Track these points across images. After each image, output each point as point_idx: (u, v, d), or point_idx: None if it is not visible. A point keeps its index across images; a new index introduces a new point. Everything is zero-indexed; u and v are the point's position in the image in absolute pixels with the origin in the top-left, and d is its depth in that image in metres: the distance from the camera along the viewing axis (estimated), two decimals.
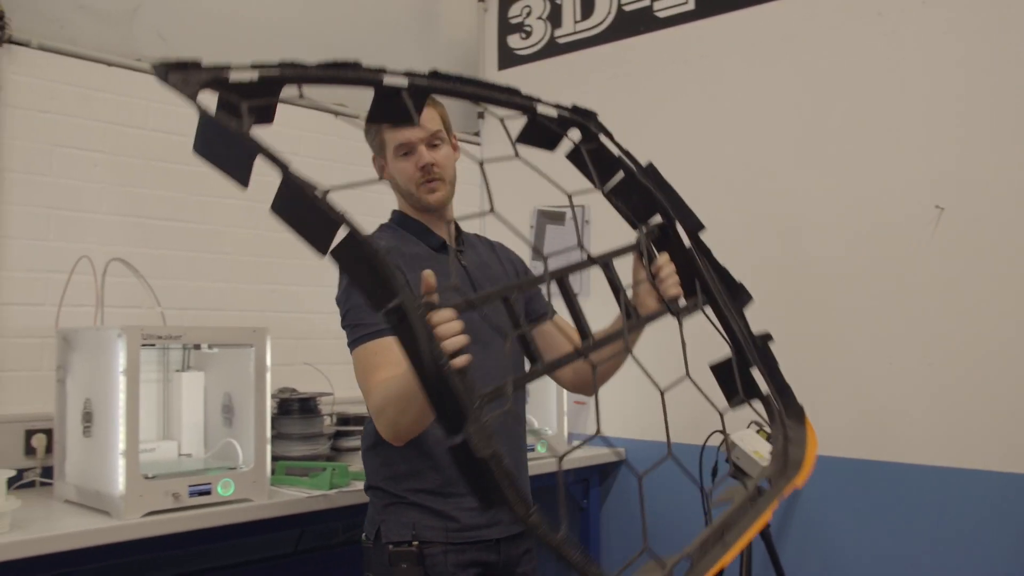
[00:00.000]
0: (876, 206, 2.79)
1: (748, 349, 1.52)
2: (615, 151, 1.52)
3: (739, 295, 1.54)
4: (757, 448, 2.50)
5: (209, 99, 1.01)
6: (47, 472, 2.46)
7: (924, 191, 2.69)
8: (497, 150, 3.86)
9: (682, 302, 1.64)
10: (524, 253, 2.31)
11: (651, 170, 1.51)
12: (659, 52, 3.33)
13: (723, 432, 1.48)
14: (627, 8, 3.42)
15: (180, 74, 1.01)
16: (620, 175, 1.50)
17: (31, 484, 2.45)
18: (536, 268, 3.46)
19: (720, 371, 1.53)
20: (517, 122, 1.41)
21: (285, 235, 2.01)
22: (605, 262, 1.44)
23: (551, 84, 3.65)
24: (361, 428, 2.09)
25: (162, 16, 3.00)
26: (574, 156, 1.51)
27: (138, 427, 2.08)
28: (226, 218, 3.03)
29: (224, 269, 3.02)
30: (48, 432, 2.51)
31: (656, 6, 3.33)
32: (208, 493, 2.17)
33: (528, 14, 3.74)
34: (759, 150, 3.05)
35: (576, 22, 3.57)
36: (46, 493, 2.37)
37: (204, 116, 0.97)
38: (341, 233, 0.95)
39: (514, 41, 3.79)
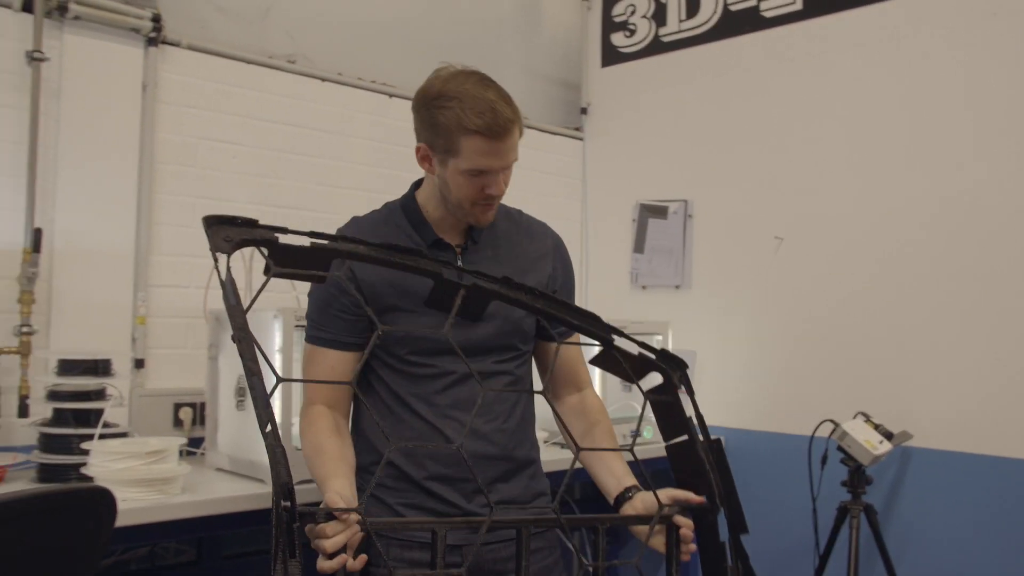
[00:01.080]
0: (981, 201, 2.84)
1: None
2: (689, 410, 1.39)
3: None
4: (868, 437, 2.58)
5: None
6: (193, 443, 2.65)
7: None
8: (600, 145, 3.97)
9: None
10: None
11: (716, 447, 1.38)
12: (765, 51, 3.40)
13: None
14: (733, 8, 3.49)
15: (224, 229, 1.09)
16: (683, 438, 1.38)
17: (179, 454, 2.64)
18: (637, 261, 3.57)
19: None
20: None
21: None
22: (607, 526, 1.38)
23: (655, 82, 3.75)
24: None
25: (291, 17, 3.17)
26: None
27: (292, 401, 2.24)
28: (350, 207, 3.13)
29: None
30: (194, 405, 2.71)
31: (763, 6, 3.40)
32: None
33: (632, 12, 3.84)
34: (866, 147, 3.12)
35: (681, 21, 3.66)
36: (196, 462, 2.54)
37: (223, 277, 1.08)
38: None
39: (618, 39, 3.90)
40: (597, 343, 1.30)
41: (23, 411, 2.44)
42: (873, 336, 3.06)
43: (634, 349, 1.34)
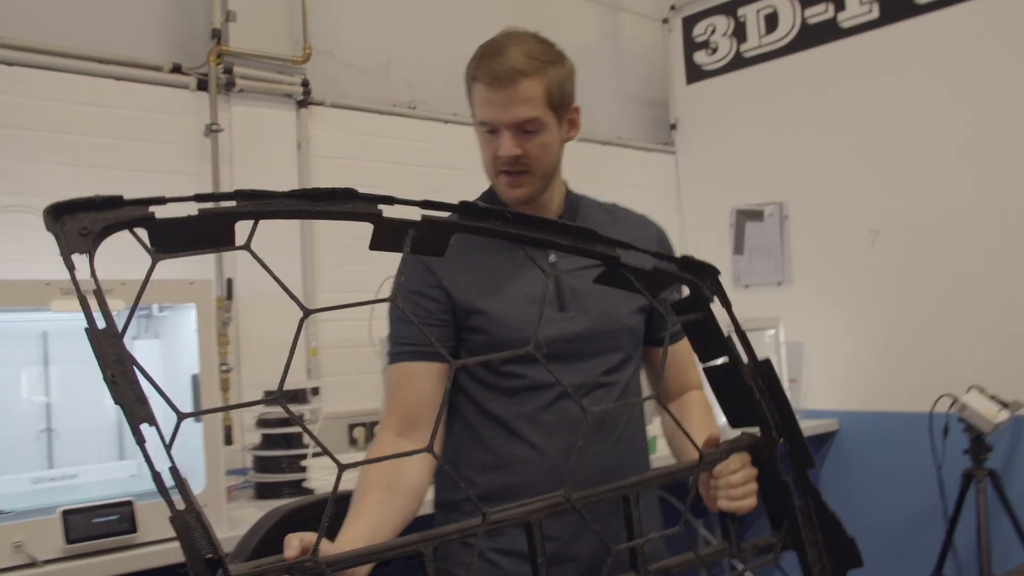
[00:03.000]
0: None
1: None
2: (726, 328, 1.11)
3: (846, 552, 1.13)
4: (986, 407, 2.79)
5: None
6: None
7: None
8: (691, 157, 4.23)
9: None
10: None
11: (766, 369, 1.12)
12: (845, 60, 3.64)
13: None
14: (811, 21, 3.74)
15: (78, 217, 0.77)
16: (723, 360, 1.12)
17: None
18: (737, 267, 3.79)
19: None
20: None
21: None
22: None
23: (740, 95, 4.01)
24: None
25: (409, 66, 3.49)
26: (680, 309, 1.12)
27: None
28: None
29: None
30: (365, 424, 3.02)
31: (840, 16, 3.64)
32: None
33: (712, 32, 4.10)
34: (951, 148, 3.32)
35: (761, 36, 3.91)
36: None
37: (80, 289, 0.74)
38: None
39: (700, 57, 4.16)
40: (600, 263, 1.01)
41: (228, 439, 2.77)
42: (976, 317, 3.26)
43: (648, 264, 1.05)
